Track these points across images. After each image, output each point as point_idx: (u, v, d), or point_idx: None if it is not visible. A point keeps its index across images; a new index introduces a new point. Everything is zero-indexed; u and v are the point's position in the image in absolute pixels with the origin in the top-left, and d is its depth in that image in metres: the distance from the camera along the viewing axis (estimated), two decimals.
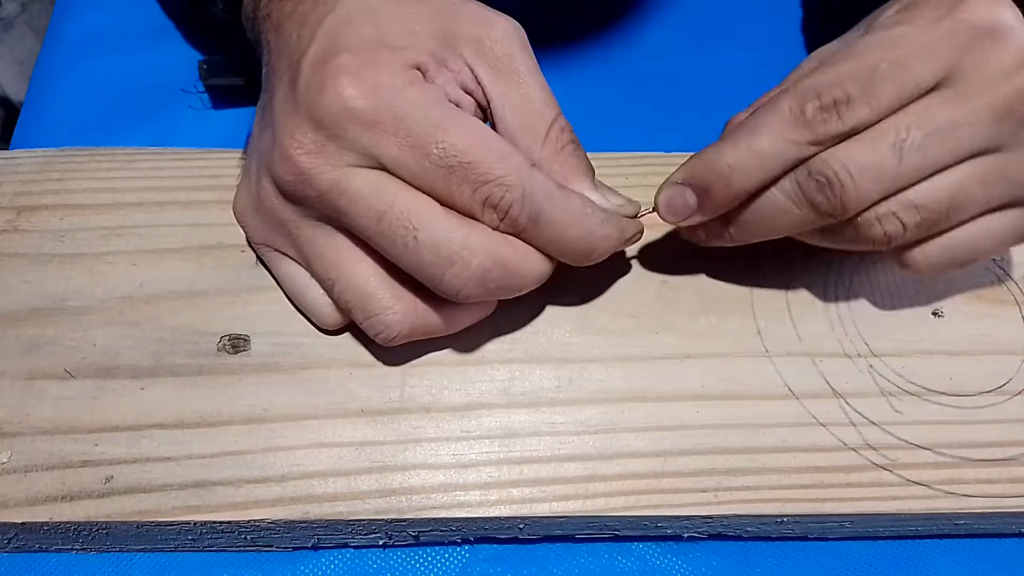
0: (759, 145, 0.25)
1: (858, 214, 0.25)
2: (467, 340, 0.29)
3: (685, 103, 0.41)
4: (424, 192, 0.25)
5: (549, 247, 0.26)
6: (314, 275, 0.27)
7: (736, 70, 0.42)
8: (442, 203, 0.25)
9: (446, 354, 0.29)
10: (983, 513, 0.27)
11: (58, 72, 0.42)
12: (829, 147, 0.25)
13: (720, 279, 0.31)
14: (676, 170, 0.28)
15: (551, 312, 0.30)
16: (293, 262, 0.28)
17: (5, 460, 0.26)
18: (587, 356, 0.29)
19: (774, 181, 0.26)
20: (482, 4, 0.27)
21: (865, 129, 0.24)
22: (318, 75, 0.24)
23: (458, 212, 0.25)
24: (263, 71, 0.29)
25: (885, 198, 0.25)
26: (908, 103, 0.25)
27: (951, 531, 0.28)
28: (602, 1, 0.44)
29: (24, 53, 0.74)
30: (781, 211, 0.26)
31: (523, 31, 0.27)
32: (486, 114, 0.26)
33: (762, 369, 0.29)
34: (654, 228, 0.32)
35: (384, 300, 0.26)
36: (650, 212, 0.28)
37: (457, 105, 0.25)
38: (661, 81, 0.42)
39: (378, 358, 0.29)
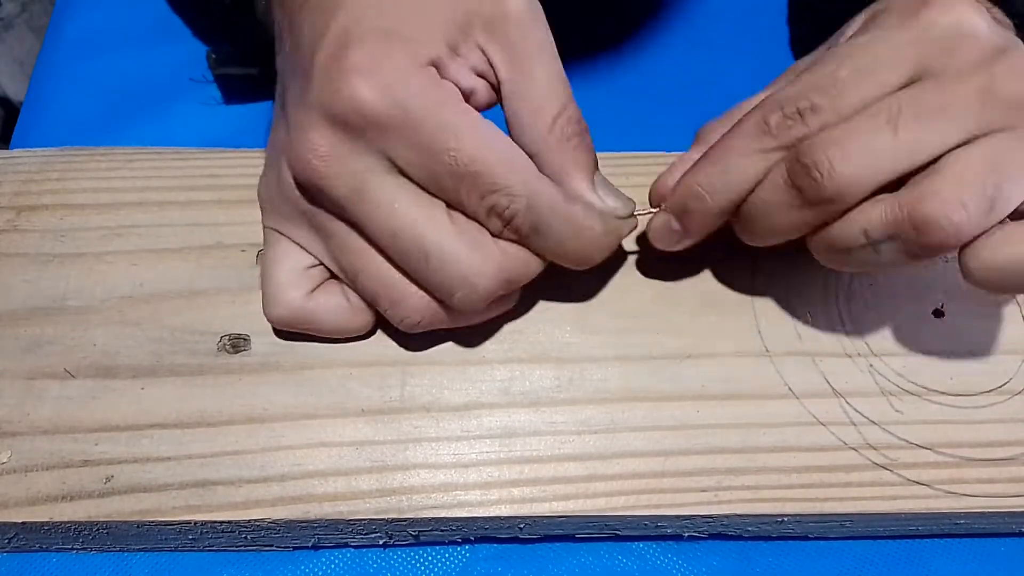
0: (726, 161, 0.25)
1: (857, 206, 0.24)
2: (468, 340, 0.29)
3: (685, 102, 0.41)
4: (434, 195, 0.25)
5: (548, 254, 0.26)
6: (340, 268, 0.27)
7: (736, 69, 0.42)
8: (450, 206, 0.25)
9: (446, 354, 0.29)
10: (983, 513, 0.27)
11: (58, 72, 0.42)
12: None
13: (720, 279, 0.31)
14: (655, 183, 0.28)
15: (551, 312, 0.30)
16: (293, 244, 0.28)
17: (5, 460, 0.26)
18: (587, 356, 0.29)
19: (751, 191, 0.25)
20: None
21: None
22: (331, 73, 0.24)
23: (465, 216, 0.25)
24: (277, 60, 0.28)
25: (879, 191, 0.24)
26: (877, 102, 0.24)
27: (951, 531, 0.28)
28: (603, 1, 0.44)
29: (24, 53, 0.74)
30: (773, 210, 0.25)
31: (540, 8, 0.26)
32: (499, 95, 0.26)
33: (762, 369, 0.29)
34: None
35: (407, 286, 0.26)
36: (649, 212, 0.28)
37: (471, 93, 0.25)
38: (661, 80, 0.42)
39: (378, 358, 0.29)
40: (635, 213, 0.28)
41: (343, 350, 0.29)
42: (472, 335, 0.29)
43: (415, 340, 0.29)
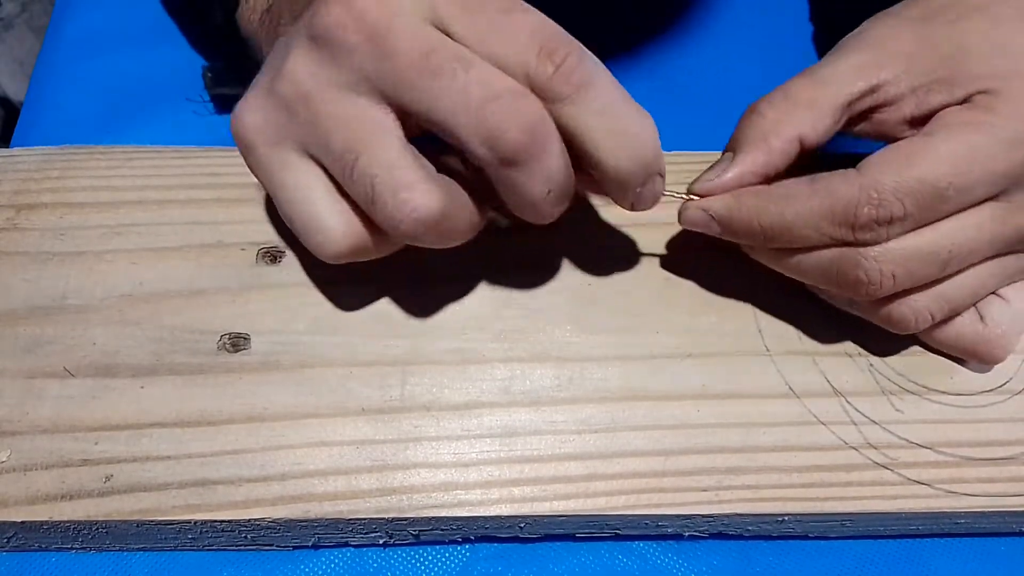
0: (796, 223, 0.25)
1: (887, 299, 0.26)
2: (468, 339, 0.29)
3: (685, 101, 0.41)
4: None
5: (594, 123, 0.23)
6: (332, 152, 0.24)
7: (736, 68, 0.42)
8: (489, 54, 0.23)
9: (447, 353, 0.29)
10: (984, 512, 0.27)
11: (58, 72, 0.42)
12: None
13: (720, 278, 0.31)
14: (703, 177, 0.27)
15: (551, 311, 0.30)
16: (306, 166, 0.25)
17: (5, 459, 0.26)
18: (588, 355, 0.29)
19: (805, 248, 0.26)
20: None
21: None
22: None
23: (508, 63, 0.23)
24: (267, 50, 0.28)
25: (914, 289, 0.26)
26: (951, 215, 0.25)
27: (952, 530, 0.28)
28: (604, 2, 0.44)
29: (24, 53, 0.74)
30: (812, 271, 0.27)
31: None
32: None
33: (763, 368, 0.29)
34: (655, 227, 0.32)
35: (416, 174, 0.23)
36: (681, 196, 0.28)
37: None
38: (661, 80, 0.42)
39: (378, 357, 0.29)
40: (668, 191, 0.27)
41: (344, 349, 0.29)
42: (472, 334, 0.29)
43: (415, 339, 0.29)
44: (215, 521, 0.26)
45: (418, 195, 0.23)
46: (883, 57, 0.26)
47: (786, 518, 0.27)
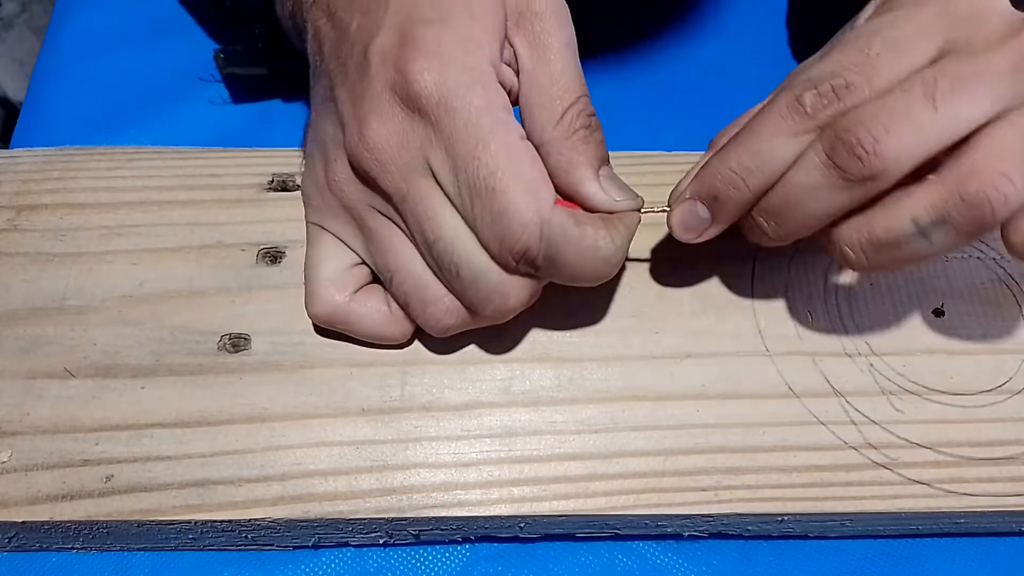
0: (758, 143, 0.25)
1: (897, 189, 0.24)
2: (467, 339, 0.29)
3: (684, 102, 0.41)
4: (456, 208, 0.25)
5: (565, 281, 0.26)
6: (376, 266, 0.28)
7: (735, 67, 0.42)
8: (468, 225, 0.25)
9: (447, 353, 0.29)
10: (983, 512, 0.27)
11: (58, 72, 0.41)
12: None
13: (720, 279, 0.31)
14: (680, 185, 0.28)
15: (551, 311, 0.30)
16: (337, 241, 0.28)
17: (5, 459, 0.26)
18: (587, 355, 0.29)
19: (784, 173, 0.25)
20: None
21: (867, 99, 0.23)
22: (388, 69, 0.24)
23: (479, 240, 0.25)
24: (312, 60, 0.28)
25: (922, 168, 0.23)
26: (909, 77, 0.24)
27: (951, 530, 0.28)
28: (604, 3, 0.44)
29: (24, 53, 0.74)
30: (810, 194, 0.24)
31: (567, 9, 0.26)
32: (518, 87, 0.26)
33: (763, 368, 0.29)
34: (655, 228, 0.32)
35: (439, 289, 0.26)
36: (662, 210, 0.28)
37: (511, 89, 0.26)
38: (659, 80, 0.42)
39: (378, 357, 0.29)
40: (645, 210, 0.27)
41: (343, 350, 0.29)
42: (471, 335, 0.29)
43: (415, 339, 0.29)
44: (215, 521, 0.26)
45: (435, 313, 0.27)
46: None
47: (786, 518, 0.27)
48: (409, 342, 0.29)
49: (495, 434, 0.28)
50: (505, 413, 0.28)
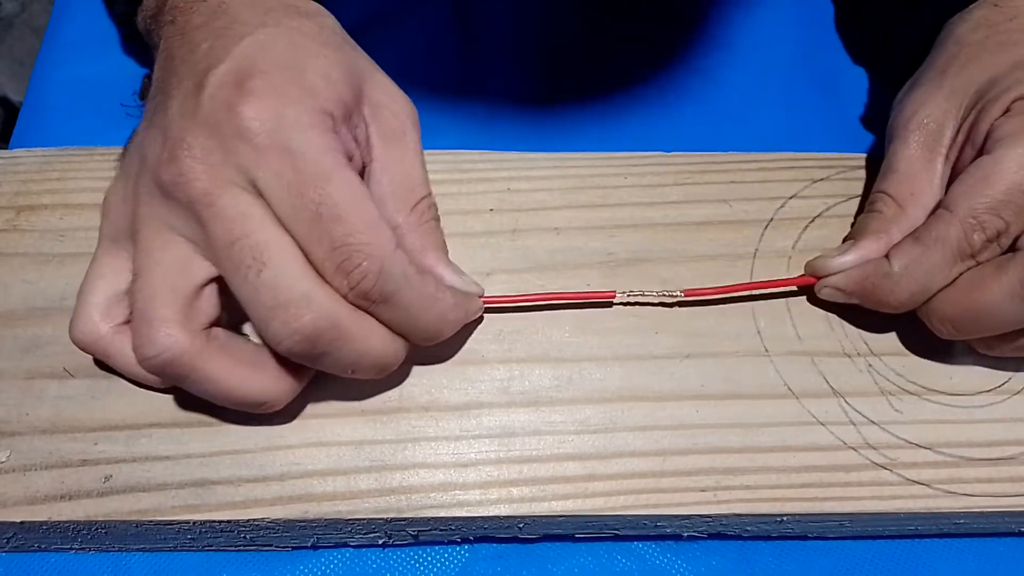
0: (932, 280, 0.27)
1: None
2: (466, 339, 0.29)
3: (684, 102, 0.41)
4: (288, 232, 0.24)
5: (397, 327, 0.26)
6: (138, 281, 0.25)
7: (735, 68, 0.42)
8: (301, 250, 0.24)
9: (445, 353, 0.29)
10: (983, 512, 0.27)
11: (58, 72, 0.41)
12: None
13: (719, 278, 0.31)
14: (836, 265, 0.29)
15: (550, 312, 0.30)
16: (118, 262, 0.26)
17: (4, 459, 0.26)
18: (586, 355, 0.29)
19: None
20: (388, 77, 0.28)
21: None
22: (225, 92, 0.24)
23: (312, 267, 0.24)
24: (155, 73, 0.28)
25: None
26: None
27: (951, 530, 0.28)
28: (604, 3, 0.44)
29: (23, 53, 0.74)
30: (1003, 312, 0.27)
31: (417, 114, 0.29)
32: (362, 175, 0.27)
33: (761, 368, 0.29)
34: (654, 228, 0.32)
35: (167, 312, 0.24)
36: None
37: (350, 158, 0.26)
38: (659, 80, 0.42)
39: None
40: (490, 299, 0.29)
41: None
42: (471, 335, 0.29)
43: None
44: (214, 521, 0.26)
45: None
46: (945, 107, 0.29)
47: (785, 518, 0.27)
48: (169, 389, 0.28)
49: (494, 434, 0.28)
50: (504, 413, 0.28)
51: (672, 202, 0.33)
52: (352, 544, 0.28)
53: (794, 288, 0.30)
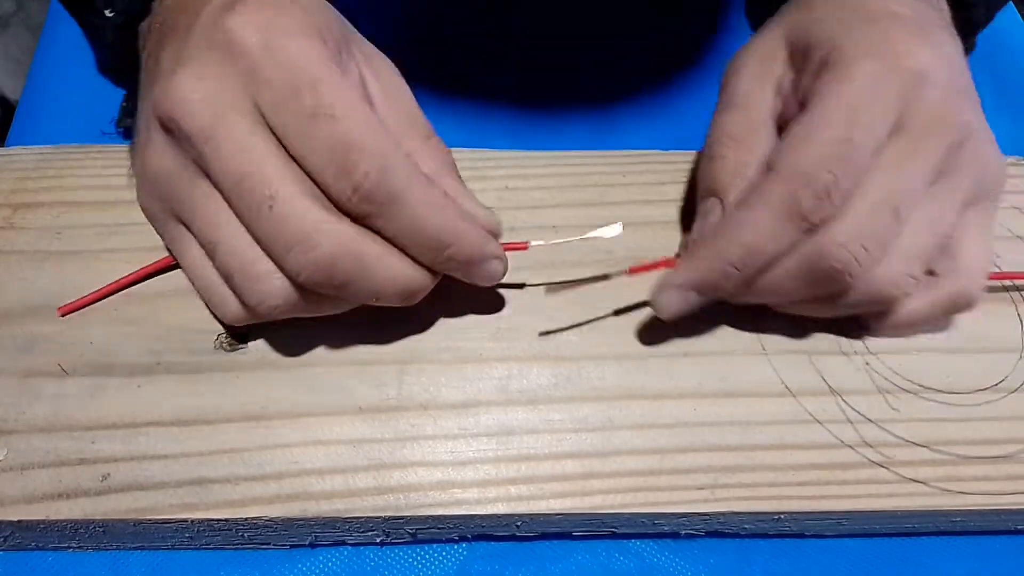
0: (760, 242, 0.26)
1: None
2: (465, 337, 0.29)
3: (684, 102, 0.41)
4: (292, 159, 0.24)
5: (404, 237, 0.25)
6: (198, 238, 0.26)
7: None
8: (296, 162, 0.24)
9: (444, 351, 0.29)
10: (980, 510, 0.27)
11: (54, 70, 0.41)
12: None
13: None
14: (667, 270, 0.28)
15: (549, 310, 0.30)
16: (190, 240, 0.27)
17: (1, 458, 0.26)
18: (585, 354, 0.29)
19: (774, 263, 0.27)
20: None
21: (849, 200, 0.25)
22: (214, 14, 0.24)
23: (311, 180, 0.24)
24: (146, 48, 0.28)
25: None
26: (873, 162, 0.26)
27: (948, 528, 0.28)
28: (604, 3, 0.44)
29: (20, 51, 0.74)
30: (788, 290, 0.27)
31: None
32: None
33: (759, 367, 0.29)
34: (652, 227, 0.32)
35: (267, 264, 0.25)
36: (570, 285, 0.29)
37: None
38: (659, 80, 0.42)
39: (376, 356, 0.29)
40: (614, 272, 0.28)
41: (341, 348, 0.29)
42: (469, 333, 0.29)
43: (412, 338, 0.29)
44: (212, 520, 0.26)
45: (262, 288, 0.25)
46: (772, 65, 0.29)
47: (782, 516, 0.27)
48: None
49: (492, 433, 0.28)
50: (502, 412, 0.28)
51: (670, 200, 0.33)
52: (350, 542, 0.28)
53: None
